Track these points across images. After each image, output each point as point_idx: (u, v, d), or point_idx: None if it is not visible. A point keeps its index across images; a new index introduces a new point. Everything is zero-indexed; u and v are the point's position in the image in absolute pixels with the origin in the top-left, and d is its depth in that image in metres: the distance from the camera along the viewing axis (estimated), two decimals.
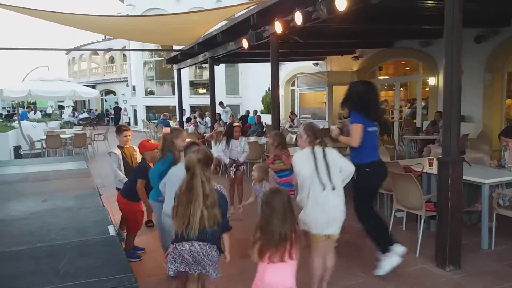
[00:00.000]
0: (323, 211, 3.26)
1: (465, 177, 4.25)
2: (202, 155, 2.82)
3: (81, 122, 26.09)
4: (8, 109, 36.10)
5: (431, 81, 11.18)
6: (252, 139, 10.32)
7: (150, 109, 26.30)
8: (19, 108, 18.98)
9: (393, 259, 3.90)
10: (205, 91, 24.75)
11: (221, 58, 11.36)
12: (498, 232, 4.69)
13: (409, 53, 11.74)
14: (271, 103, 8.06)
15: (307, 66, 15.85)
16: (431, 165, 5.26)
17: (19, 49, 13.31)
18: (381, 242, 4.02)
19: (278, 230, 2.53)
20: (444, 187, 4.06)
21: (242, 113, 20.52)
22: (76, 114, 29.73)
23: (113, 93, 34.83)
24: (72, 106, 30.05)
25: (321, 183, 3.25)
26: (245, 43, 8.17)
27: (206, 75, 23.18)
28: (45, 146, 12.27)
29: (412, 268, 4.13)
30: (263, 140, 10.02)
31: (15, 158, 10.92)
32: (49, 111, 31.36)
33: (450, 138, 4.03)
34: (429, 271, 4.10)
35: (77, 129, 16.84)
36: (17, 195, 3.80)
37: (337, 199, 3.31)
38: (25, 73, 18.49)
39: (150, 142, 4.51)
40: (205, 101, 14.39)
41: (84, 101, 33.99)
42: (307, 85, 15.12)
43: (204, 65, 19.66)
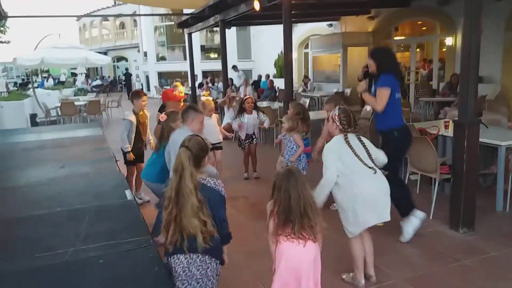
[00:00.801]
0: (375, 200, 3.01)
1: (481, 139, 4.19)
2: (194, 148, 2.33)
3: (94, 89, 26.21)
4: (22, 77, 36.40)
5: (449, 41, 10.83)
6: (265, 104, 10.27)
7: (162, 75, 26.22)
8: (34, 76, 19.11)
9: (413, 221, 3.93)
10: (216, 55, 24.48)
11: (232, 21, 11.13)
12: None
13: (427, 13, 11.32)
14: (284, 67, 7.93)
15: (321, 27, 15.45)
16: (447, 127, 5.19)
17: (30, 17, 13.26)
18: (403, 206, 3.99)
19: (297, 211, 2.31)
20: (459, 150, 4.01)
21: (254, 77, 20.29)
22: (89, 81, 29.81)
23: (125, 59, 34.68)
24: (85, 73, 30.07)
25: (369, 167, 2.98)
26: (257, 5, 7.95)
27: (217, 39, 22.81)
28: (60, 113, 12.44)
29: (426, 230, 4.15)
30: (276, 105, 9.96)
31: (32, 126, 11.10)
32: (63, 78, 31.49)
33: (467, 99, 3.94)
34: (443, 233, 4.13)
35: (91, 96, 16.97)
36: (36, 162, 3.89)
37: (385, 182, 3.08)
38: (37, 41, 18.47)
39: (174, 93, 4.48)
40: (217, 66, 14.25)
41: (96, 68, 34.02)
42: (321, 48, 14.80)
43: (215, 29, 19.27)
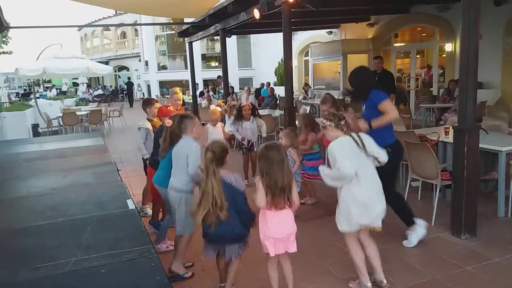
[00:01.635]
0: (376, 201, 3.06)
1: (481, 145, 4.20)
2: (217, 149, 2.91)
3: (96, 98, 26.32)
4: (24, 88, 36.59)
5: (448, 47, 10.88)
6: (265, 112, 10.30)
7: (163, 84, 26.33)
8: (36, 87, 19.20)
9: (419, 230, 3.95)
10: (217, 64, 24.59)
11: (233, 29, 11.21)
12: None
13: (426, 19, 11.38)
14: (284, 74, 7.97)
15: (321, 35, 15.53)
16: (447, 134, 5.19)
17: (31, 27, 13.32)
18: (405, 217, 4.03)
19: (280, 180, 2.75)
20: (460, 156, 4.01)
21: (255, 85, 20.37)
22: (90, 91, 29.95)
23: (126, 68, 34.88)
24: (86, 83, 30.27)
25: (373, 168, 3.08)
26: (257, 13, 8.02)
27: (218, 48, 22.98)
28: (61, 123, 12.48)
29: (428, 237, 4.13)
30: (277, 113, 9.99)
31: (34, 136, 11.14)
32: (64, 88, 31.65)
33: (466, 105, 3.96)
34: (445, 239, 4.12)
35: (92, 106, 17.03)
36: (38, 172, 3.90)
37: (377, 183, 3.11)
38: (38, 52, 18.60)
39: (168, 108, 4.53)
40: (218, 74, 14.30)
41: (98, 77, 34.19)
42: (321, 55, 14.86)
43: (215, 38, 19.42)
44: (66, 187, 3.31)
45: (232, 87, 15.49)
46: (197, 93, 16.18)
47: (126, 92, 27.69)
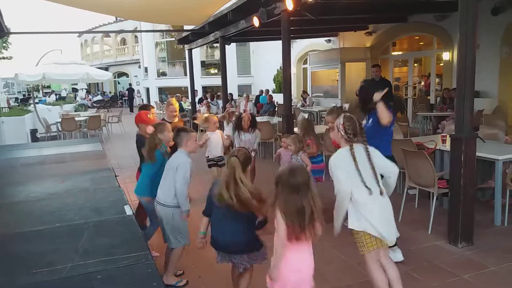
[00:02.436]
0: (375, 218, 2.85)
1: (478, 154, 4.22)
2: (242, 156, 2.80)
3: (95, 104, 26.34)
4: (23, 93, 36.61)
5: (446, 56, 10.96)
6: (264, 119, 10.33)
7: (162, 91, 26.39)
8: (35, 92, 19.23)
9: (398, 255, 3.79)
10: (216, 71, 24.68)
11: (232, 37, 11.27)
12: (511, 208, 4.66)
13: (424, 28, 11.47)
14: (283, 82, 8.02)
15: (319, 43, 15.63)
16: (444, 142, 5.22)
17: (32, 33, 13.39)
18: None
19: (306, 210, 2.33)
20: (457, 164, 4.04)
21: (254, 92, 20.43)
22: (90, 96, 29.99)
23: (126, 75, 34.96)
24: (85, 89, 30.33)
25: (366, 187, 2.83)
26: (256, 21, 8.08)
27: (217, 55, 23.04)
28: (60, 129, 12.49)
29: (424, 245, 4.15)
30: (275, 120, 10.02)
31: (32, 141, 11.13)
32: (63, 94, 31.69)
33: (463, 114, 3.99)
34: (442, 247, 4.12)
35: (92, 112, 17.05)
36: (36, 177, 3.91)
37: (388, 205, 2.93)
38: (38, 57, 18.65)
39: (148, 116, 4.53)
40: (217, 81, 14.34)
41: (97, 83, 34.25)
42: (319, 63, 14.94)
43: (215, 45, 19.49)
44: (63, 193, 3.32)
45: (231, 93, 15.54)
46: (196, 99, 16.21)
47: (127, 97, 27.98)
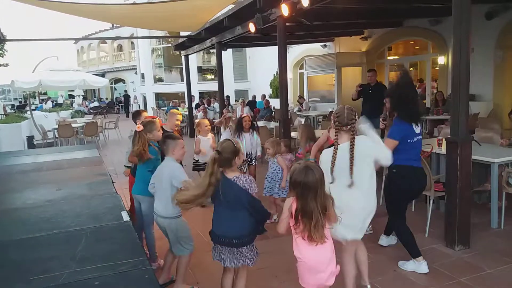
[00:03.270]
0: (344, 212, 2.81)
1: (474, 157, 4.25)
2: (223, 150, 2.86)
3: (91, 111, 26.32)
4: (20, 99, 36.53)
5: (441, 60, 11.03)
6: (261, 124, 10.34)
7: (159, 96, 26.41)
8: (31, 99, 19.19)
9: (422, 267, 3.71)
10: (213, 76, 24.72)
11: (229, 43, 11.32)
12: (507, 211, 4.70)
13: (419, 32, 11.55)
14: (279, 87, 8.04)
15: (315, 48, 15.69)
16: (440, 145, 5.25)
17: (28, 40, 13.40)
18: (410, 249, 3.82)
19: (318, 209, 2.43)
20: (452, 167, 4.06)
21: (250, 98, 20.46)
22: (86, 103, 29.98)
23: (122, 81, 34.95)
24: (82, 95, 30.31)
25: (334, 177, 2.92)
26: (252, 27, 8.12)
27: (214, 60, 23.07)
28: (57, 135, 12.46)
29: (421, 248, 4.12)
30: (272, 125, 10.04)
31: (29, 148, 11.10)
32: (60, 100, 31.65)
33: (458, 117, 4.02)
34: (439, 250, 4.14)
35: (88, 118, 17.03)
36: (33, 184, 3.89)
37: (359, 198, 2.95)
38: (35, 64, 18.63)
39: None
40: (214, 87, 14.37)
41: (94, 90, 34.22)
42: (315, 68, 14.99)
43: (211, 51, 19.54)
44: (60, 199, 3.31)
45: (228, 96, 15.50)
46: (193, 105, 16.23)
47: (123, 104, 28.07)
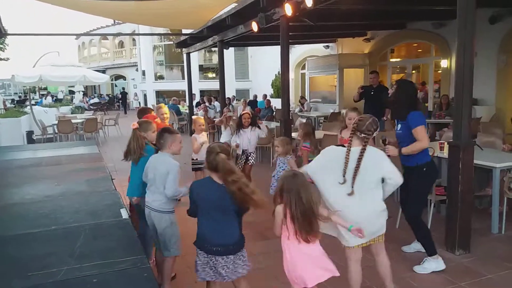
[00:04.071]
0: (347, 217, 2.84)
1: (476, 161, 4.23)
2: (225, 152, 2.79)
3: (91, 107, 26.28)
4: (20, 94, 36.51)
5: (444, 63, 11.00)
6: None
7: (160, 94, 26.39)
8: (31, 94, 19.17)
9: (441, 264, 3.77)
10: (214, 75, 24.71)
11: (231, 41, 11.29)
12: (508, 216, 4.67)
13: (422, 35, 11.53)
14: (281, 87, 8.02)
15: (318, 49, 15.68)
16: (442, 149, 5.22)
17: (29, 35, 13.38)
18: (427, 246, 3.85)
19: (309, 211, 2.51)
20: (454, 171, 4.04)
21: (252, 97, 20.45)
22: (86, 99, 29.94)
23: (123, 78, 34.92)
24: (82, 91, 30.27)
25: (345, 179, 2.88)
26: (255, 26, 8.09)
27: (215, 59, 23.10)
28: (57, 131, 12.42)
29: (421, 252, 4.13)
30: (273, 124, 10.01)
31: (28, 143, 11.08)
32: (60, 96, 31.61)
33: (461, 121, 4.00)
34: (439, 255, 4.10)
35: (88, 114, 16.99)
36: (31, 179, 3.88)
37: (359, 207, 2.89)
38: (35, 59, 18.62)
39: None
40: (215, 85, 14.35)
41: (94, 86, 34.21)
42: (317, 69, 14.98)
43: (213, 49, 19.55)
44: (59, 195, 3.29)
45: (229, 98, 15.52)
46: (194, 103, 16.21)
47: (121, 100, 28.13)
